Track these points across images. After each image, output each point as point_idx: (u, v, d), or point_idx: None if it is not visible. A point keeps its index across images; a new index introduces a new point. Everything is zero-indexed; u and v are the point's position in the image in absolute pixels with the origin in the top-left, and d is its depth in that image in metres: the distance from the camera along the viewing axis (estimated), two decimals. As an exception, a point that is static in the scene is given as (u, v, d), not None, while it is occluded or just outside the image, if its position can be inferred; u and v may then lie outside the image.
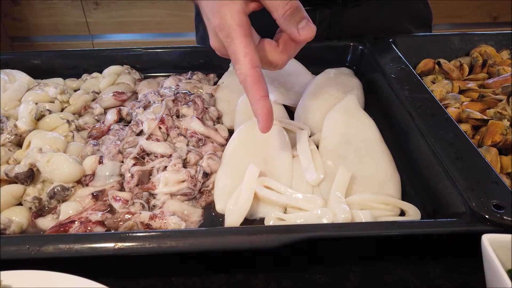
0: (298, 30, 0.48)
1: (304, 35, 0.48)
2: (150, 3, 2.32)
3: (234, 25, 0.46)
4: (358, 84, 0.76)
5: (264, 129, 0.48)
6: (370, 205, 0.51)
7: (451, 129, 0.56)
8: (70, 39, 2.46)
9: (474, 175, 0.48)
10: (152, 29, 2.43)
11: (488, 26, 2.43)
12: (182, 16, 2.36)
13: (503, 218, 0.42)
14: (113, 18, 2.37)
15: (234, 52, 0.47)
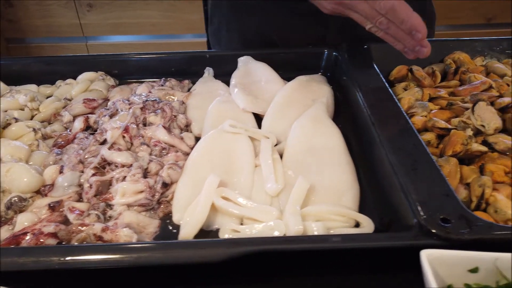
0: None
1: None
2: (144, 4, 2.32)
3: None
4: (328, 92, 0.75)
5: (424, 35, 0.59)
6: (325, 217, 0.51)
7: (411, 139, 0.56)
8: (64, 41, 2.46)
9: (426, 187, 0.48)
10: (146, 31, 2.43)
11: (483, 27, 2.42)
12: (176, 18, 2.36)
13: (448, 232, 0.42)
14: (107, 20, 2.37)
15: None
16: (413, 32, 0.60)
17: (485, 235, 0.42)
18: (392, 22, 0.61)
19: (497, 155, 0.57)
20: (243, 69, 0.83)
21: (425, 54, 0.63)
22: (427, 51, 0.63)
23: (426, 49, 0.63)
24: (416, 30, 0.60)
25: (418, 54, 0.63)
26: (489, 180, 0.52)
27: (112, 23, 2.35)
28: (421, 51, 0.63)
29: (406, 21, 0.60)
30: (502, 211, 0.49)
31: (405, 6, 0.60)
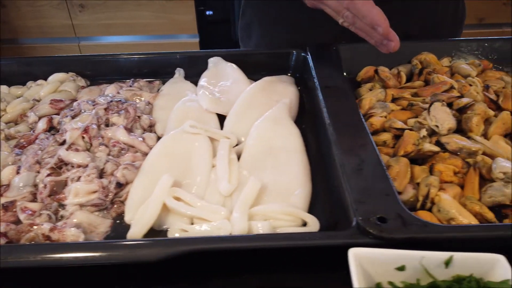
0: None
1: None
2: (136, 5, 2.33)
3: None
4: (293, 93, 0.76)
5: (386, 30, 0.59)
6: (273, 216, 0.51)
7: (362, 140, 0.57)
8: (56, 42, 2.47)
9: (368, 187, 0.48)
10: (138, 31, 2.43)
11: (474, 27, 2.43)
12: (168, 19, 2.37)
13: (382, 231, 0.42)
14: (99, 20, 2.38)
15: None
16: (375, 27, 0.61)
17: (418, 234, 0.42)
18: (356, 16, 0.61)
19: (448, 155, 0.57)
20: (213, 70, 0.84)
21: (392, 48, 0.62)
22: (395, 45, 0.62)
23: (393, 43, 0.62)
24: (377, 25, 0.60)
25: (387, 48, 0.63)
26: (435, 180, 0.53)
27: (104, 23, 2.36)
28: (388, 45, 0.63)
29: (366, 15, 0.60)
30: (445, 210, 0.49)
31: (366, 1, 0.60)
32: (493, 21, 2.48)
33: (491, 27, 2.54)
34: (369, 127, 0.66)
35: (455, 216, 0.49)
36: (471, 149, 0.57)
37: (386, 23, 0.60)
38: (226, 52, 0.88)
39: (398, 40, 0.62)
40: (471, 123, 0.62)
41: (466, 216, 0.49)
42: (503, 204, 0.52)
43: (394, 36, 0.62)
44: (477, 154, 0.57)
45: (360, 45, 0.87)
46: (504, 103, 0.69)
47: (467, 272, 0.37)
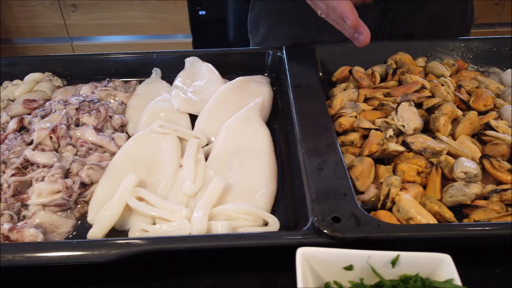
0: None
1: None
2: (129, 5, 2.32)
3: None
4: (266, 93, 0.76)
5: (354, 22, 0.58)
6: (234, 216, 0.51)
7: (326, 140, 0.57)
8: (49, 42, 2.47)
9: (326, 186, 0.48)
10: (131, 31, 2.43)
11: None
12: (161, 19, 2.37)
13: (335, 230, 0.42)
14: (92, 20, 2.38)
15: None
16: (344, 19, 0.60)
17: (371, 234, 0.42)
18: (329, 8, 0.61)
19: (412, 155, 0.57)
20: (189, 69, 0.84)
21: (363, 41, 0.61)
22: (364, 39, 0.61)
23: (362, 36, 0.61)
24: (345, 17, 0.60)
25: (358, 41, 0.62)
26: (396, 179, 0.53)
27: (97, 23, 2.35)
28: (358, 38, 0.62)
29: (336, 7, 0.60)
30: (404, 210, 0.49)
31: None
32: (486, 21, 2.49)
33: (484, 27, 2.54)
34: (338, 127, 0.66)
35: (413, 215, 0.49)
36: (435, 149, 0.57)
37: (354, 16, 0.60)
38: (203, 52, 0.88)
39: (368, 34, 0.61)
40: (438, 123, 0.62)
41: (425, 216, 0.49)
42: (464, 204, 0.52)
43: (364, 29, 0.61)
44: (441, 154, 0.57)
45: (338, 45, 0.89)
46: (474, 103, 0.70)
47: (414, 272, 0.38)
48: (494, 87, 0.76)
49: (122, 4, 2.29)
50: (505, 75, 0.79)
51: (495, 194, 0.51)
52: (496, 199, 0.51)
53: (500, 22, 2.51)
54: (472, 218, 0.49)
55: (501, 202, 0.51)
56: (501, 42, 0.86)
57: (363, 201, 0.53)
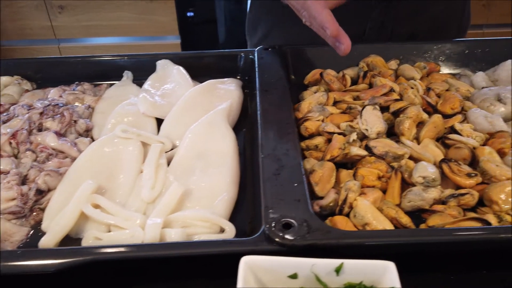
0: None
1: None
2: (116, 6, 2.31)
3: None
4: (236, 96, 0.75)
5: (334, 32, 0.59)
6: (190, 223, 0.51)
7: (287, 144, 0.56)
8: (37, 44, 2.45)
9: (281, 192, 0.48)
10: (120, 32, 2.42)
11: None
12: (150, 20, 2.35)
13: (284, 238, 0.42)
14: (80, 22, 2.36)
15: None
16: (324, 28, 0.60)
17: (320, 241, 0.42)
18: (311, 17, 0.62)
19: (374, 159, 0.57)
20: (160, 72, 0.83)
21: (343, 50, 0.62)
22: (345, 48, 0.61)
23: (343, 45, 0.61)
24: (325, 27, 0.60)
25: (339, 50, 0.63)
26: (355, 184, 0.52)
27: (85, 25, 2.34)
28: (339, 48, 0.62)
29: (316, 17, 0.60)
30: (360, 215, 0.49)
31: (317, 2, 0.60)
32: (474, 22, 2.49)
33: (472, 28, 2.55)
34: (304, 131, 0.66)
35: (369, 221, 0.48)
36: (396, 153, 0.57)
37: (334, 25, 0.60)
38: (175, 54, 0.87)
39: (348, 43, 0.62)
40: (403, 127, 0.62)
41: (381, 221, 0.49)
42: (422, 209, 0.52)
43: (344, 39, 0.61)
44: (402, 158, 0.57)
45: (311, 47, 0.88)
46: (442, 106, 0.69)
47: (358, 280, 0.37)
48: (465, 90, 0.76)
49: (110, 5, 2.27)
50: (476, 77, 0.79)
51: (453, 198, 0.50)
52: (453, 203, 0.50)
53: (488, 23, 2.52)
54: (428, 224, 0.49)
55: (459, 206, 0.51)
56: (473, 45, 0.86)
57: (322, 206, 0.52)
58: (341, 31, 0.61)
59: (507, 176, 0.52)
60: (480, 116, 0.65)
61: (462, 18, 0.97)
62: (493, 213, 0.49)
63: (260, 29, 0.98)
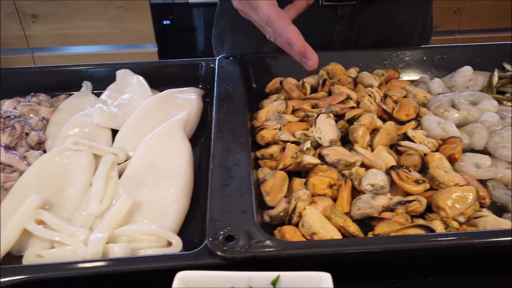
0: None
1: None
2: (90, 15, 2.28)
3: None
4: (194, 106, 0.75)
5: (300, 48, 0.58)
6: (136, 237, 0.49)
7: (238, 154, 0.55)
8: (10, 53, 2.40)
9: (227, 203, 0.47)
10: (94, 41, 2.39)
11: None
12: (124, 28, 2.33)
13: (225, 251, 0.41)
14: (53, 30, 2.32)
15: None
16: (291, 44, 0.60)
17: (261, 253, 0.41)
18: (276, 33, 0.61)
19: (326, 167, 0.57)
20: (119, 82, 0.82)
21: (310, 66, 0.61)
22: (312, 64, 0.61)
23: (310, 61, 0.61)
24: (292, 43, 0.59)
25: (306, 65, 0.62)
26: (304, 193, 0.52)
27: (58, 33, 2.30)
28: (306, 63, 0.62)
29: (281, 33, 0.59)
30: (308, 224, 0.49)
31: (281, 18, 0.59)
32: (446, 28, 2.57)
33: (444, 34, 2.63)
34: (261, 140, 0.66)
35: (317, 230, 0.48)
36: (348, 161, 0.57)
37: (300, 42, 0.59)
38: (135, 64, 0.86)
39: (315, 59, 0.61)
40: (356, 134, 0.62)
41: (329, 230, 0.48)
42: (372, 216, 0.52)
43: (311, 54, 0.61)
44: (354, 166, 0.57)
45: (272, 56, 0.88)
46: (397, 112, 0.70)
47: (295, 292, 0.36)
48: (422, 96, 0.77)
49: (84, 14, 2.25)
50: (432, 84, 0.80)
51: (400, 206, 0.51)
52: (401, 211, 0.51)
53: (459, 29, 2.59)
54: (375, 232, 0.49)
55: (408, 213, 0.51)
56: (431, 52, 0.88)
57: (272, 216, 0.51)
58: (308, 47, 0.60)
59: (455, 182, 0.53)
60: (433, 122, 0.66)
61: (425, 26, 0.99)
62: (440, 220, 0.50)
63: (226, 44, 0.98)
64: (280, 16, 0.59)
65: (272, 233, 0.49)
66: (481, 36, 2.59)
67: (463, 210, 0.50)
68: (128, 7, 2.25)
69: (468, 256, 0.45)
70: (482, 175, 0.58)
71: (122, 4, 2.25)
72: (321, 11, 0.85)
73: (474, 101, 0.73)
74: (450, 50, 0.88)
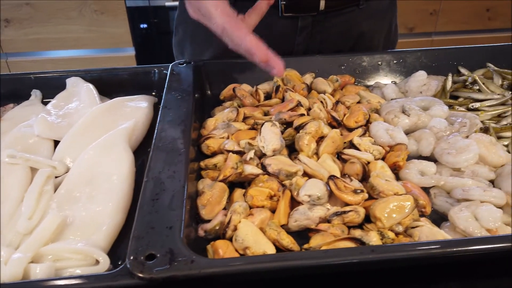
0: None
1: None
2: (65, 19, 2.25)
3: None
4: (143, 114, 0.73)
5: (262, 58, 0.56)
6: (63, 255, 0.47)
7: (175, 166, 0.54)
8: (-17, 58, 2.33)
9: (154, 219, 0.45)
10: (70, 45, 2.35)
11: (405, 37, 2.52)
12: (100, 32, 2.30)
13: (143, 271, 0.39)
14: (27, 35, 2.28)
15: (206, 9, 0.57)
16: (252, 55, 0.58)
17: (180, 272, 0.39)
18: (234, 43, 0.59)
19: (266, 178, 0.56)
20: (69, 90, 0.80)
21: (276, 74, 0.59)
22: (277, 71, 0.59)
23: (275, 69, 0.59)
24: (252, 53, 0.57)
25: (271, 73, 0.60)
26: (240, 206, 0.51)
27: (33, 38, 2.26)
28: (272, 72, 0.60)
29: (239, 44, 0.57)
30: (240, 238, 0.47)
31: (236, 28, 0.57)
32: (423, 30, 2.60)
33: (421, 36, 2.65)
34: (206, 150, 0.64)
35: (249, 244, 0.47)
36: (289, 170, 0.56)
37: (261, 51, 0.57)
38: (86, 71, 0.84)
39: (280, 67, 0.59)
40: (302, 142, 0.61)
41: (263, 244, 0.47)
42: (309, 228, 0.51)
43: (275, 62, 0.58)
44: (295, 176, 0.55)
45: (228, 62, 0.87)
46: (347, 119, 0.69)
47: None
48: (376, 102, 0.76)
49: (59, 18, 2.21)
50: (386, 89, 0.80)
51: (336, 216, 0.50)
52: (337, 222, 0.50)
53: (436, 31, 2.62)
54: (310, 244, 0.47)
55: (346, 224, 0.50)
56: (388, 56, 0.88)
57: (206, 230, 0.50)
58: (270, 55, 0.58)
59: (394, 191, 0.52)
60: (381, 129, 0.65)
61: (390, 34, 0.99)
62: (377, 230, 0.49)
63: (186, 53, 0.97)
64: (236, 25, 0.57)
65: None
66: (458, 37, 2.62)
67: (400, 220, 0.49)
68: (104, 11, 2.22)
69: (393, 269, 0.45)
70: (425, 182, 0.57)
71: (98, 7, 2.22)
72: (282, 22, 0.84)
73: (425, 106, 0.73)
74: (407, 55, 0.88)
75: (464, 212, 0.50)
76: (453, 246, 0.42)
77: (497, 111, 0.74)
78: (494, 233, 0.48)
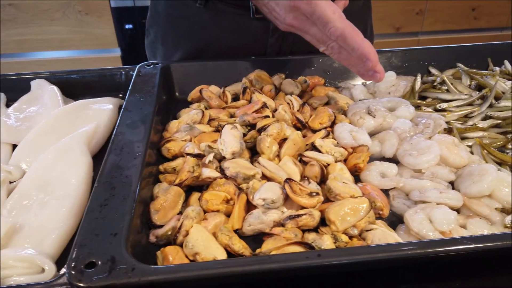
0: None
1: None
2: (49, 20, 2.22)
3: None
4: (105, 117, 0.71)
5: (375, 63, 0.57)
6: (8, 263, 0.46)
7: (129, 170, 0.53)
8: (-33, 59, 2.31)
9: (99, 226, 0.44)
10: (54, 46, 2.33)
11: (392, 37, 2.53)
12: (85, 33, 2.28)
13: (81, 280, 0.38)
14: (11, 36, 2.26)
15: (322, 13, 0.56)
16: (364, 60, 0.58)
17: (119, 280, 0.38)
18: (343, 48, 0.58)
19: (224, 181, 0.55)
20: (33, 93, 0.78)
21: (379, 79, 0.61)
22: (380, 77, 0.60)
23: (379, 74, 0.60)
24: (367, 58, 0.57)
25: (372, 79, 0.61)
26: (193, 210, 0.50)
27: (17, 39, 2.24)
28: (374, 76, 0.60)
29: (356, 49, 0.57)
30: (190, 244, 0.46)
31: (355, 33, 0.57)
32: (409, 30, 2.61)
33: (407, 35, 2.66)
34: (167, 153, 0.63)
35: (199, 250, 0.46)
36: (246, 174, 0.55)
37: (376, 57, 0.58)
38: (52, 73, 0.82)
39: (383, 72, 0.60)
40: (263, 145, 0.60)
41: (214, 250, 0.46)
42: (264, 232, 0.50)
43: (381, 68, 0.60)
44: (251, 179, 0.55)
45: (196, 63, 0.86)
46: (312, 121, 0.68)
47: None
48: (343, 103, 0.76)
49: (42, 19, 2.19)
50: (354, 90, 0.79)
51: (289, 220, 0.49)
52: (291, 225, 0.49)
53: (422, 31, 2.63)
54: (262, 249, 0.47)
55: (300, 228, 0.50)
56: (359, 57, 0.87)
57: (157, 236, 0.49)
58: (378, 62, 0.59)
59: (351, 193, 0.52)
60: (344, 130, 0.65)
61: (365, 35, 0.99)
62: (331, 233, 0.48)
63: (158, 55, 0.96)
64: (355, 30, 0.57)
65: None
66: (444, 37, 2.64)
67: (354, 223, 0.48)
68: (88, 12, 2.21)
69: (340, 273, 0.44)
70: (385, 184, 0.57)
71: (82, 8, 2.20)
72: (254, 24, 0.83)
73: (392, 107, 0.73)
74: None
75: (419, 214, 0.49)
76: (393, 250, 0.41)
77: (464, 111, 0.74)
78: (448, 235, 0.47)
